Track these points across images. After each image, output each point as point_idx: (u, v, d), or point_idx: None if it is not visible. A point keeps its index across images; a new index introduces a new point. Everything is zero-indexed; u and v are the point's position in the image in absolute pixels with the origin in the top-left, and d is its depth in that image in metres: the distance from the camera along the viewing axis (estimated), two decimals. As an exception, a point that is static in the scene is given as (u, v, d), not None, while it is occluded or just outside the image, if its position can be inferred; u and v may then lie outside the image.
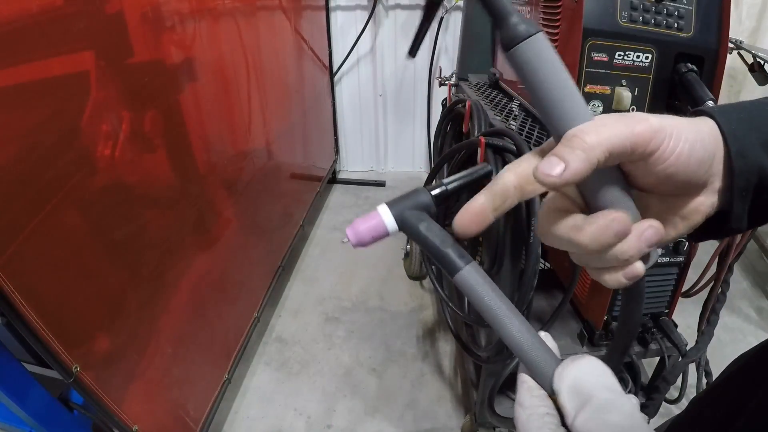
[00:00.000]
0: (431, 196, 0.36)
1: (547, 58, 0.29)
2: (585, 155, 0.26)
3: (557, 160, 0.26)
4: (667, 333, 1.08)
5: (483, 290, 0.32)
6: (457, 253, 0.33)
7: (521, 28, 0.28)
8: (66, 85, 0.76)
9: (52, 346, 0.72)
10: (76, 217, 0.79)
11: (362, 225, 0.35)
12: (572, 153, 0.26)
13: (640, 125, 0.27)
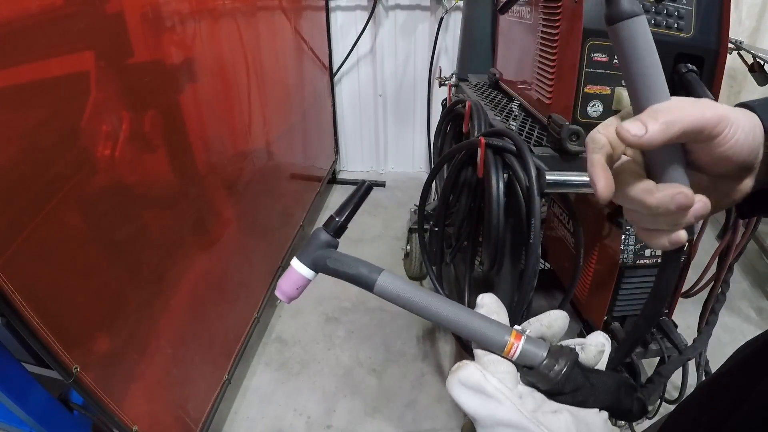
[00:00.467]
0: (329, 234, 0.40)
1: (645, 39, 0.32)
2: (664, 128, 0.31)
3: (641, 125, 0.31)
4: (667, 333, 1.08)
5: (403, 291, 0.36)
6: (368, 269, 0.37)
7: (628, 6, 0.32)
8: (66, 85, 0.76)
9: (52, 346, 0.72)
10: (76, 218, 0.79)
11: (285, 284, 0.40)
12: (654, 123, 0.31)
13: (710, 111, 0.31)
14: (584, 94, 0.86)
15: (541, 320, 0.36)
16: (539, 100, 1.05)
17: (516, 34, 1.23)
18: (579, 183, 0.83)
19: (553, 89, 0.96)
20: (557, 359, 0.32)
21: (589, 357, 0.34)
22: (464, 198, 1.06)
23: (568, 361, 0.32)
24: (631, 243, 1.00)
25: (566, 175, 0.83)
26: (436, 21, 2.46)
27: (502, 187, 0.86)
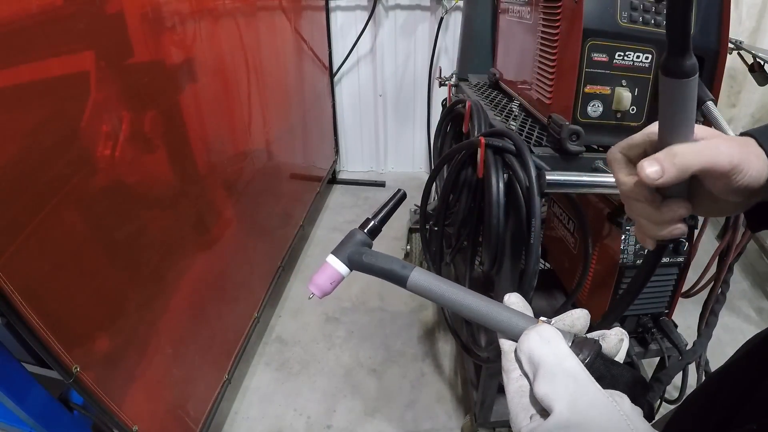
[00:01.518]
0: (365, 233, 0.43)
1: (693, 95, 0.35)
2: (678, 173, 0.35)
3: (659, 169, 0.35)
4: (667, 333, 1.08)
5: (436, 285, 0.38)
6: (401, 265, 0.40)
7: (690, 68, 0.34)
8: (66, 85, 0.76)
9: (52, 347, 0.72)
10: (76, 217, 0.79)
11: (320, 278, 0.42)
12: (672, 168, 0.35)
13: (723, 156, 0.35)
14: (584, 94, 0.86)
15: (563, 319, 0.37)
16: (539, 100, 1.05)
17: (516, 34, 1.23)
18: (579, 183, 0.83)
19: (553, 89, 0.96)
20: (581, 349, 0.33)
21: (610, 346, 0.35)
22: (464, 198, 1.06)
23: (591, 351, 0.33)
24: (631, 243, 1.00)
25: (566, 175, 0.83)
26: (436, 21, 2.46)
27: (502, 187, 0.86)
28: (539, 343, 0.32)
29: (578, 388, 0.30)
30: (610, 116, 0.88)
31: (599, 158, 0.89)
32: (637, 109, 0.88)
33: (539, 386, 0.30)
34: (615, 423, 0.28)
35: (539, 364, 0.31)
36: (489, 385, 1.18)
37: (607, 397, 0.29)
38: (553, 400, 0.29)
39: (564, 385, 0.30)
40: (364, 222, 0.44)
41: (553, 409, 0.29)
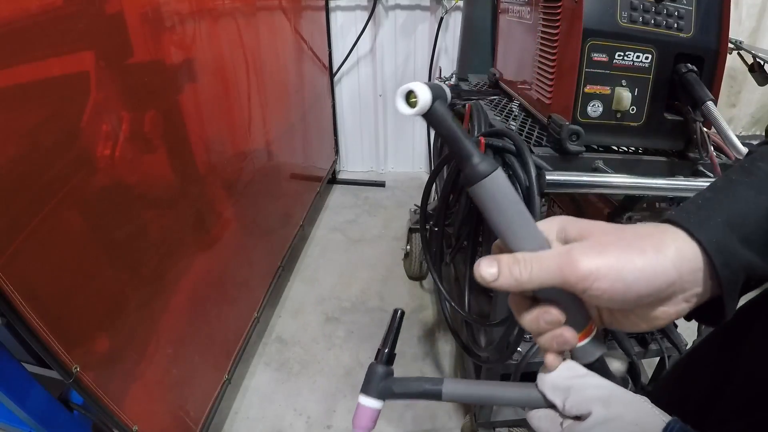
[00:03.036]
0: (383, 365, 0.45)
1: (505, 191, 0.34)
2: (514, 283, 0.32)
3: (494, 273, 0.33)
4: (666, 333, 1.08)
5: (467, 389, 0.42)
6: (431, 383, 0.42)
7: (482, 167, 0.33)
8: (66, 85, 0.76)
9: (52, 347, 0.72)
10: (76, 217, 0.79)
11: (361, 420, 0.46)
12: (509, 276, 0.33)
13: (569, 269, 0.31)
14: (584, 94, 0.86)
15: None
16: (539, 100, 1.05)
17: (516, 34, 1.23)
18: (579, 183, 0.83)
19: (553, 89, 0.96)
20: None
21: None
22: (464, 198, 1.06)
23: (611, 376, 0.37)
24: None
25: (566, 175, 0.83)
26: (436, 21, 2.46)
27: (502, 187, 0.86)
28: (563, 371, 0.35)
29: (609, 392, 0.33)
30: (610, 116, 0.88)
31: (599, 158, 0.89)
32: (637, 109, 0.88)
33: (572, 401, 0.34)
34: (646, 414, 0.32)
35: (568, 387, 0.34)
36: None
37: (635, 396, 0.33)
38: (589, 406, 0.33)
39: (595, 393, 0.33)
40: (378, 353, 0.45)
41: (591, 411, 0.33)
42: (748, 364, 0.40)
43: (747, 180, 0.34)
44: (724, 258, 0.31)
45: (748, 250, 0.32)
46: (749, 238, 0.32)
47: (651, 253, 0.31)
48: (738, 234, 0.32)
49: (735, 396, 0.40)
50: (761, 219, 0.32)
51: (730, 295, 0.32)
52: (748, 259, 0.32)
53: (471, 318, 1.15)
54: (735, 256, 0.31)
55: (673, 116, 0.90)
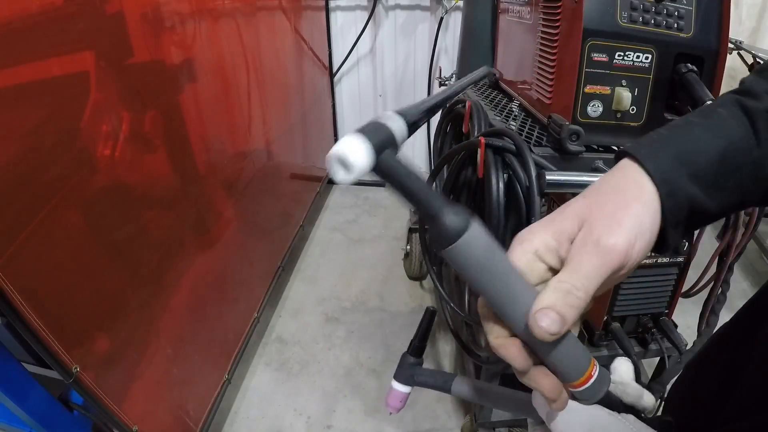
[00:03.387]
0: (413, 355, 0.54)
1: (485, 248, 0.28)
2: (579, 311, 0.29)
3: (555, 317, 0.28)
4: (666, 333, 1.08)
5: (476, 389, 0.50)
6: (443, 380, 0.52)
7: (453, 226, 0.27)
8: (66, 85, 0.76)
9: (52, 347, 0.72)
10: (76, 217, 0.79)
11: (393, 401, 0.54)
12: (571, 311, 0.29)
13: (610, 257, 0.30)
14: (584, 94, 0.86)
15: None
16: (539, 100, 1.05)
17: (516, 34, 1.23)
18: (579, 183, 0.83)
19: (553, 89, 0.96)
20: None
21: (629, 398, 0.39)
22: (464, 198, 1.06)
23: None
24: (631, 243, 1.00)
25: (566, 175, 0.83)
26: (436, 21, 2.46)
27: (502, 187, 0.86)
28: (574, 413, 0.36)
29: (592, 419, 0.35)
30: (610, 116, 0.88)
31: (599, 158, 0.89)
32: (637, 109, 0.88)
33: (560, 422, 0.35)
34: None
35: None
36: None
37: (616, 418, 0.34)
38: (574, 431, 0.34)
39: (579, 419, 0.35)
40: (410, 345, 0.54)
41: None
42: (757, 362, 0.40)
43: (704, 122, 0.35)
44: (668, 188, 0.33)
45: (694, 185, 0.33)
46: (697, 174, 0.33)
47: (641, 196, 0.33)
48: (687, 169, 0.33)
49: (744, 394, 0.40)
50: (711, 158, 0.33)
51: (673, 225, 0.33)
52: (693, 193, 0.33)
53: (471, 319, 1.15)
54: (680, 188, 0.33)
55: (673, 116, 0.90)
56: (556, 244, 0.32)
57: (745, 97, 0.36)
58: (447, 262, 0.29)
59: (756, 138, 0.34)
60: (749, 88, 0.36)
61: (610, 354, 1.11)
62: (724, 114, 0.35)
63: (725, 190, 0.34)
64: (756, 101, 0.35)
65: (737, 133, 0.34)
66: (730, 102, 0.36)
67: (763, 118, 0.34)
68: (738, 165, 0.34)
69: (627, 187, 0.33)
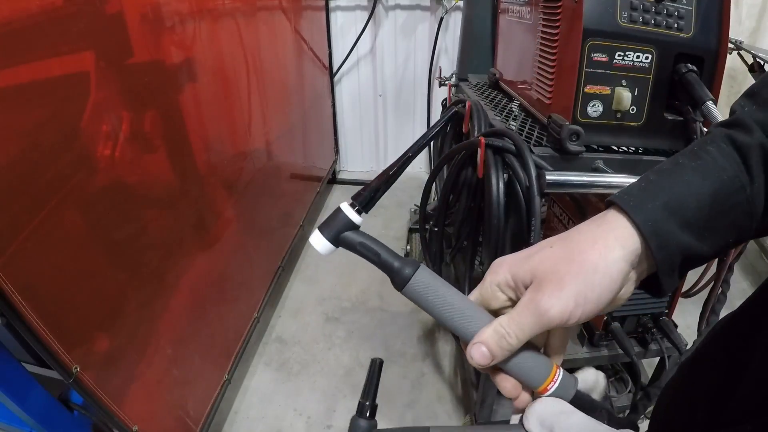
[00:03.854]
0: None
1: (432, 285, 0.37)
2: (509, 353, 0.35)
3: (487, 352, 0.34)
4: (667, 333, 1.08)
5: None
6: None
7: (405, 272, 0.36)
8: (66, 85, 0.76)
9: (52, 347, 0.72)
10: (76, 217, 0.79)
11: None
12: (501, 351, 0.34)
13: (545, 319, 0.33)
14: (584, 94, 0.86)
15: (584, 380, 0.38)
16: (539, 100, 1.05)
17: (516, 34, 1.23)
18: (579, 183, 0.83)
19: (553, 89, 0.96)
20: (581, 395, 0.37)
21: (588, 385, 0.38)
22: (464, 198, 1.06)
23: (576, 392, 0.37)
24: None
25: (566, 175, 0.83)
26: (436, 21, 2.46)
27: (502, 187, 0.86)
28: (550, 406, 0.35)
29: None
30: (610, 116, 0.88)
31: (599, 158, 0.89)
32: (637, 109, 0.88)
33: None
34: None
35: (552, 426, 0.34)
36: (489, 385, 1.18)
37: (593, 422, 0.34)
38: None
39: None
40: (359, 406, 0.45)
41: None
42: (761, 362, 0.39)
43: (693, 164, 0.35)
44: (659, 240, 0.33)
45: (686, 233, 0.33)
46: (688, 221, 0.33)
47: (602, 263, 0.33)
48: (677, 217, 0.33)
49: (746, 396, 0.40)
50: (702, 203, 0.33)
51: (667, 274, 0.34)
52: (685, 241, 0.33)
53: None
54: (671, 238, 0.33)
55: (673, 116, 0.90)
56: (513, 285, 0.36)
57: (736, 131, 0.35)
58: (411, 299, 0.37)
59: (749, 175, 0.33)
60: (740, 119, 0.35)
61: (611, 354, 1.11)
62: (714, 152, 0.35)
63: (718, 231, 0.34)
64: (747, 135, 0.34)
65: (728, 171, 0.33)
66: (720, 138, 0.35)
67: (756, 153, 0.33)
68: (731, 205, 0.33)
69: (592, 250, 0.33)
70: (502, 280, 0.37)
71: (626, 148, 0.93)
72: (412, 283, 0.36)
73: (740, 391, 0.40)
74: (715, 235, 0.34)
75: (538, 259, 0.35)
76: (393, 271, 0.37)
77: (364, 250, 0.39)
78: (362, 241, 0.39)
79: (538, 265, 0.35)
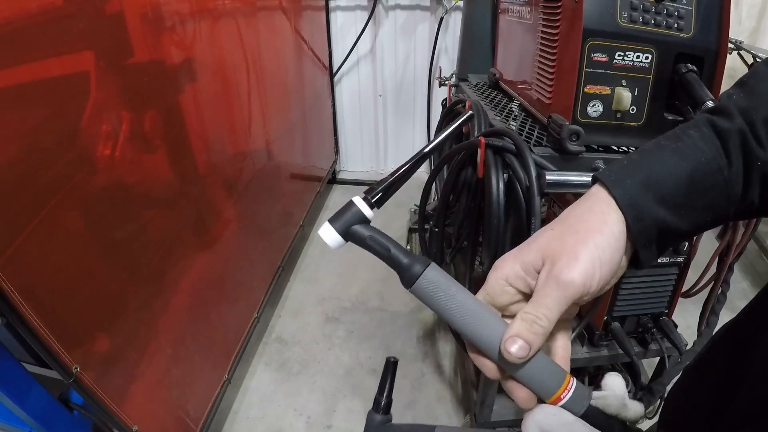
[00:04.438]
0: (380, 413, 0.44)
1: (441, 283, 0.36)
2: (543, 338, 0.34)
3: (522, 343, 0.33)
4: (667, 333, 1.08)
5: None
6: None
7: (414, 270, 0.36)
8: (66, 85, 0.76)
9: (52, 347, 0.72)
10: (76, 217, 0.79)
11: None
12: (536, 337, 0.33)
13: (569, 291, 0.33)
14: (584, 94, 0.86)
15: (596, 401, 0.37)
16: (539, 100, 1.05)
17: (516, 34, 1.23)
18: (579, 183, 0.83)
19: (553, 89, 0.96)
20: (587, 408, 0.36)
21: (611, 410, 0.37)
22: (464, 198, 1.06)
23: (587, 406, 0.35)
24: (631, 243, 1.00)
25: (566, 175, 0.83)
26: (436, 21, 2.46)
27: (502, 186, 0.86)
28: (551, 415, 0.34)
29: None
30: (610, 116, 0.88)
31: (599, 158, 0.89)
32: (637, 109, 0.88)
33: None
34: None
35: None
36: (489, 385, 1.18)
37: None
38: None
39: None
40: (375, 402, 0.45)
41: None
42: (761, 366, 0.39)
43: (674, 145, 0.37)
44: (635, 212, 0.35)
45: (662, 209, 0.35)
46: (664, 197, 0.35)
47: (603, 225, 0.35)
48: (654, 193, 0.35)
49: (747, 400, 0.40)
50: (679, 182, 0.35)
51: (644, 245, 0.36)
52: (660, 215, 0.35)
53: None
54: (647, 212, 0.35)
55: (673, 116, 0.90)
56: (523, 274, 0.36)
57: (718, 117, 0.37)
58: (418, 298, 0.37)
59: (727, 158, 0.35)
60: (723, 106, 0.37)
61: (611, 354, 1.11)
62: (695, 136, 0.37)
63: (695, 209, 0.36)
64: (728, 121, 0.36)
65: (707, 154, 0.35)
66: (702, 123, 0.37)
67: (735, 138, 0.35)
68: (708, 185, 0.35)
69: (590, 217, 0.35)
70: (510, 272, 0.37)
71: (626, 148, 0.93)
72: (420, 281, 0.36)
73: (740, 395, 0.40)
74: (692, 213, 0.36)
75: (544, 241, 0.36)
76: (402, 268, 0.36)
77: (374, 244, 0.38)
78: (371, 234, 0.38)
79: (546, 245, 0.36)
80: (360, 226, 0.39)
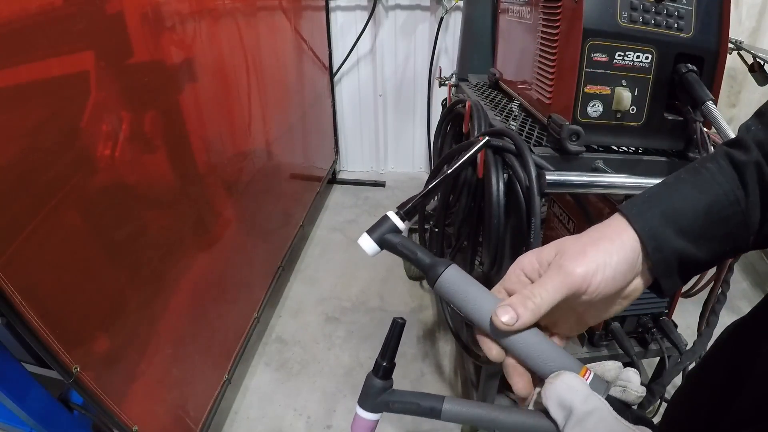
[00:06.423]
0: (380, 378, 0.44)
1: (461, 280, 0.40)
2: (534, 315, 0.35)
3: (513, 313, 0.35)
4: (667, 333, 1.08)
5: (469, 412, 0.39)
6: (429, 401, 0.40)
7: (437, 268, 0.40)
8: (66, 85, 0.76)
9: (52, 347, 0.72)
10: (76, 217, 0.79)
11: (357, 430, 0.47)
12: (527, 311, 0.35)
13: (569, 279, 0.35)
14: (584, 94, 0.86)
15: (594, 368, 0.38)
16: (539, 100, 1.05)
17: (516, 34, 1.23)
18: (579, 183, 0.83)
19: (553, 89, 0.96)
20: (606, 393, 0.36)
21: (630, 399, 0.38)
22: (464, 198, 1.06)
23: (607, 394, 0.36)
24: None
25: (566, 175, 0.83)
26: (436, 21, 2.46)
27: (502, 186, 0.86)
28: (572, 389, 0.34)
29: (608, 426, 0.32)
30: (610, 116, 0.88)
31: (599, 158, 0.89)
32: (637, 109, 0.88)
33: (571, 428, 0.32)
34: None
35: (571, 410, 0.32)
36: (489, 385, 1.18)
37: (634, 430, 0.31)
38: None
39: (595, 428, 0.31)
40: (375, 365, 0.43)
41: None
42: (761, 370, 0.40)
43: (692, 179, 0.39)
44: (655, 243, 0.36)
45: (681, 239, 0.36)
46: (684, 229, 0.36)
47: (617, 239, 0.37)
48: (673, 225, 0.36)
49: (747, 403, 0.40)
50: (697, 214, 0.37)
51: (665, 275, 0.37)
52: (680, 246, 0.36)
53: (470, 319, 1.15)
54: (667, 243, 0.36)
55: (673, 116, 0.90)
56: (538, 266, 0.39)
57: (735, 150, 0.38)
58: (439, 294, 0.41)
59: (744, 190, 0.37)
60: (741, 139, 0.39)
61: (610, 354, 1.11)
62: (713, 168, 0.38)
63: (714, 240, 0.37)
64: (745, 154, 0.37)
65: (724, 186, 0.37)
66: (720, 155, 0.39)
67: (751, 170, 0.37)
68: (725, 216, 0.37)
69: (606, 229, 0.38)
70: (526, 263, 0.39)
71: (626, 148, 0.93)
72: (441, 279, 0.40)
73: (741, 397, 0.40)
74: (711, 243, 0.37)
75: (561, 240, 0.39)
76: (426, 268, 0.41)
77: (404, 249, 0.43)
78: (401, 241, 0.43)
79: (561, 243, 0.38)
80: (391, 234, 0.44)
